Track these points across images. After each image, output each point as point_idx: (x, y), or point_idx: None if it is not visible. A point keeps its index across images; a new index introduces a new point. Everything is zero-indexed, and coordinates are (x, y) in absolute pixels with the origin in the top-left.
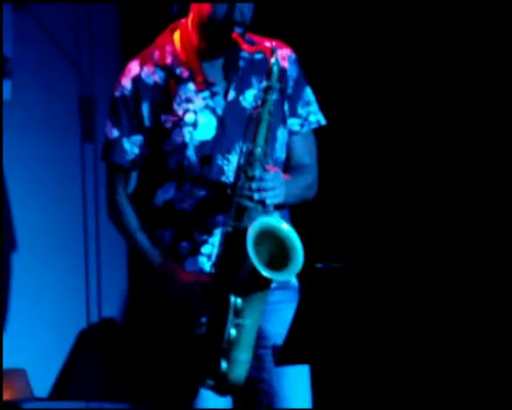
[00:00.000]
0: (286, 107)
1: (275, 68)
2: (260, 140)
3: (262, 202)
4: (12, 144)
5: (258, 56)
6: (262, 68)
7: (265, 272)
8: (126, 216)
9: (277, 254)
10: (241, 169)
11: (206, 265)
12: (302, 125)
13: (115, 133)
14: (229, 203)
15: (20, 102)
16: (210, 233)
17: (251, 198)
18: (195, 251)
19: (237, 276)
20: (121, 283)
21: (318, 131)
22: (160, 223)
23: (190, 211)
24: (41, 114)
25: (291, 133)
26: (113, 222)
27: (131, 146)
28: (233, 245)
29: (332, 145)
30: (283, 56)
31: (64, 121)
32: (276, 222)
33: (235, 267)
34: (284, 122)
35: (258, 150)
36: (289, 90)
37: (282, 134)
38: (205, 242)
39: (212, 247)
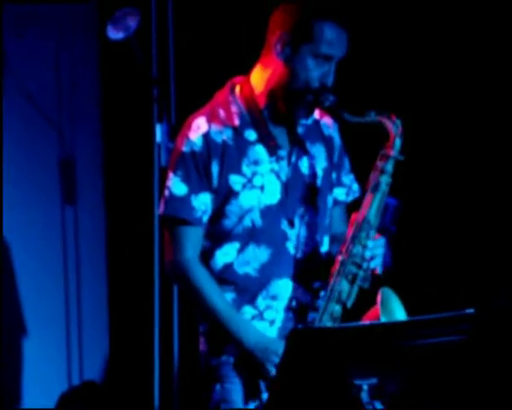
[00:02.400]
0: (334, 175)
1: (398, 141)
2: (374, 209)
3: (371, 270)
4: None
5: (310, 122)
6: (313, 135)
7: None
8: (199, 276)
9: None
10: (355, 237)
11: (269, 331)
12: (347, 194)
13: (184, 189)
14: (338, 267)
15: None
16: (274, 298)
17: (360, 266)
18: (258, 316)
19: None
20: (103, 345)
21: None
22: (219, 286)
23: (253, 275)
24: (21, 177)
25: (335, 203)
26: (177, 281)
27: (199, 204)
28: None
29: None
30: (329, 124)
31: (44, 184)
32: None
33: None
34: (331, 190)
35: (372, 219)
36: (335, 159)
37: (330, 202)
38: (269, 307)
39: (275, 312)
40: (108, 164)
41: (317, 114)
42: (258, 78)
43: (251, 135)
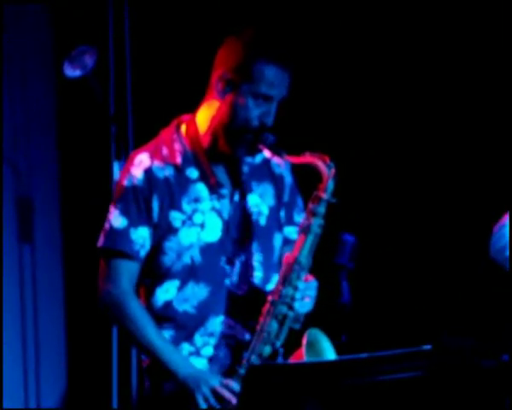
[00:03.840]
0: (282, 213)
1: (331, 183)
2: (305, 251)
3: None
4: None
5: (258, 161)
6: (261, 173)
7: None
8: (133, 307)
9: None
10: (286, 278)
11: (206, 367)
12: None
13: (123, 222)
14: (268, 308)
15: None
16: (211, 335)
17: (290, 307)
18: (196, 353)
19: None
20: (60, 376)
21: None
22: (158, 323)
23: (191, 312)
24: None
25: (287, 241)
26: (111, 312)
27: (138, 237)
28: None
29: None
30: (280, 163)
31: (1, 222)
32: (324, 338)
33: None
34: (280, 228)
35: (304, 260)
36: (286, 198)
37: (277, 240)
38: (206, 344)
39: (212, 349)
40: (66, 202)
41: (267, 153)
42: (203, 116)
43: (192, 173)
